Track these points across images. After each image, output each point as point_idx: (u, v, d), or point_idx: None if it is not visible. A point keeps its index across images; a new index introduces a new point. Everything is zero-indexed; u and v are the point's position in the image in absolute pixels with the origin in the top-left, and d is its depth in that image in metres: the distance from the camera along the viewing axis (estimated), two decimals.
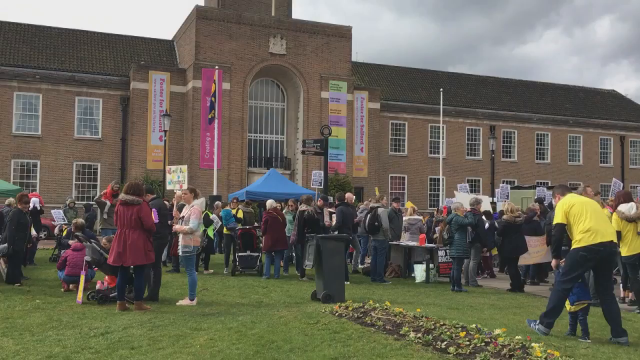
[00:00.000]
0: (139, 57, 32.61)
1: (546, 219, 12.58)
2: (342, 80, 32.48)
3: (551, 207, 12.38)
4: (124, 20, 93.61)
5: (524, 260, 12.28)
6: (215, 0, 34.38)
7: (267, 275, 12.68)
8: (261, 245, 13.49)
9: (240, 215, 15.10)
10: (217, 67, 26.47)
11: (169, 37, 35.78)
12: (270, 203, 13.36)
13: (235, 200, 16.63)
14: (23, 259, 10.91)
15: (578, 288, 6.82)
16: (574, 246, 6.81)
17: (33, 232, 12.95)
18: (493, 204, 20.19)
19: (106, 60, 32.18)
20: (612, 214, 9.07)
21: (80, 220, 12.44)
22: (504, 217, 12.28)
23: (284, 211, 14.19)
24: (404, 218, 15.32)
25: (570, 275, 6.70)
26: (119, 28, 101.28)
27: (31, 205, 13.09)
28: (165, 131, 27.15)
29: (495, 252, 14.22)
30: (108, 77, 30.98)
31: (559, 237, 7.01)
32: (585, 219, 6.74)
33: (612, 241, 6.73)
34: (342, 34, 32.83)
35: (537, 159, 39.77)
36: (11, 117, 29.03)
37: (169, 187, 15.25)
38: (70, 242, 14.07)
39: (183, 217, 9.09)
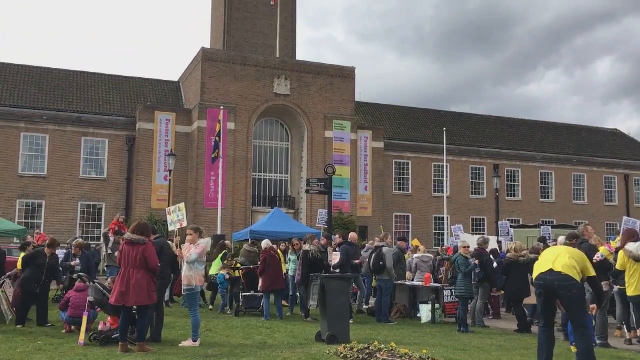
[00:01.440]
0: (145, 98, 33.05)
1: None
2: (345, 120, 32.76)
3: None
4: (131, 63, 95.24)
5: (530, 299, 12.14)
6: (221, 43, 35.01)
7: (267, 317, 12.52)
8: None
9: (236, 274, 14.56)
10: (222, 107, 26.81)
11: (175, 78, 36.30)
12: (266, 243, 13.35)
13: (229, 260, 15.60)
14: (32, 301, 10.77)
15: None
16: None
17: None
18: (499, 242, 20.08)
19: (113, 102, 32.61)
20: (612, 252, 9.03)
21: (81, 240, 12.37)
22: (508, 255, 12.22)
23: (288, 251, 14.12)
24: (415, 256, 15.23)
25: (538, 311, 7.03)
26: (126, 70, 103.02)
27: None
28: (170, 171, 27.30)
29: (502, 292, 14.07)
30: (114, 117, 31.34)
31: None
32: (539, 261, 7.18)
33: (551, 270, 6.77)
34: (345, 75, 33.27)
35: (541, 198, 39.69)
36: (18, 157, 29.28)
37: (170, 228, 15.19)
38: (74, 262, 14.02)
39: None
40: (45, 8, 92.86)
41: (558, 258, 6.88)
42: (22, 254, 12.02)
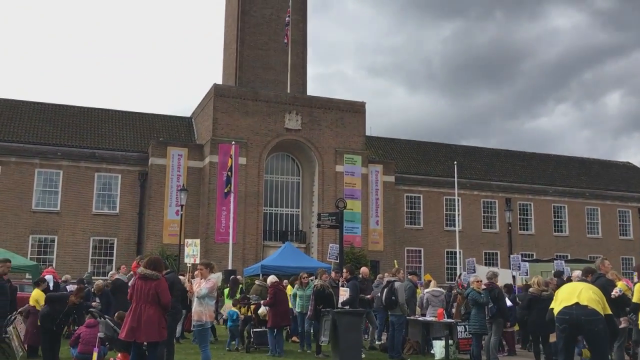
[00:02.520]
0: (158, 134, 33.41)
1: None
2: (356, 154, 32.86)
3: (570, 281, 12.12)
4: (145, 99, 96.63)
5: (553, 337, 11.90)
6: (233, 79, 35.49)
7: (275, 352, 12.34)
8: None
9: (247, 312, 14.41)
10: (233, 142, 27.00)
11: (188, 114, 36.74)
12: (272, 278, 13.31)
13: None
14: (51, 338, 10.69)
15: None
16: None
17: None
18: (513, 277, 19.86)
19: (126, 137, 33.00)
20: (629, 287, 8.89)
21: (101, 282, 12.37)
22: (530, 289, 11.97)
23: (294, 286, 14.03)
24: (425, 291, 15.08)
25: (558, 348, 6.77)
26: (140, 106, 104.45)
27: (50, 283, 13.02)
28: (181, 205, 27.40)
29: (517, 327, 13.84)
30: (127, 153, 31.67)
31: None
32: (561, 294, 7.06)
33: (577, 303, 6.61)
34: (356, 109, 33.50)
35: (555, 232, 39.31)
36: (31, 193, 29.54)
37: (185, 260, 15.27)
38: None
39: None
40: (61, 45, 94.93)
41: (582, 292, 6.77)
42: (37, 290, 12.06)
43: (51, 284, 15.65)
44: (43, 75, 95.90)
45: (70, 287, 17.10)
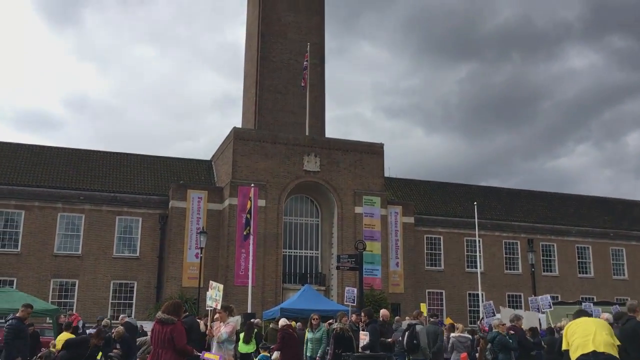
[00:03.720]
0: (178, 177, 33.78)
1: None
2: (375, 196, 32.80)
3: None
4: (166, 143, 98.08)
5: None
6: (252, 122, 35.97)
7: None
8: None
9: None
10: (252, 184, 27.17)
11: (207, 157, 37.17)
12: (283, 321, 13.17)
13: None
14: None
15: None
16: None
17: None
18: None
19: (147, 181, 33.40)
20: None
21: (121, 329, 12.33)
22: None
23: (306, 329, 13.83)
24: (452, 335, 14.76)
25: None
26: (160, 150, 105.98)
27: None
28: (201, 248, 27.45)
29: None
30: (148, 196, 32.01)
31: None
32: (576, 337, 6.61)
33: (594, 351, 6.39)
34: (374, 151, 33.62)
35: (579, 273, 38.53)
36: (54, 237, 29.87)
37: (208, 302, 15.21)
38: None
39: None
40: (83, 92, 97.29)
41: (596, 336, 6.59)
42: (66, 334, 12.06)
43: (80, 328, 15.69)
44: (66, 121, 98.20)
45: (90, 331, 17.08)
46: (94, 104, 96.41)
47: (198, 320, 12.18)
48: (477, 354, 15.06)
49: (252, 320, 16.63)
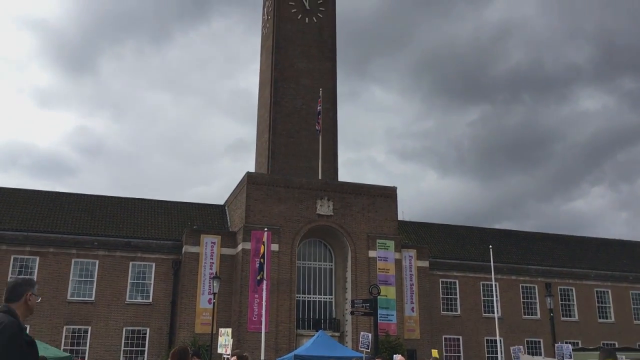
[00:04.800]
0: (192, 222, 33.86)
1: None
2: (389, 239, 32.58)
3: None
4: (180, 189, 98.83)
5: None
6: (265, 167, 36.21)
7: None
8: None
9: None
10: (266, 229, 27.13)
11: (221, 202, 37.31)
12: None
13: None
14: None
15: None
16: None
17: None
18: None
19: (161, 226, 33.51)
20: None
21: None
22: None
23: None
24: None
25: None
26: (175, 195, 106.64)
27: None
28: (214, 294, 27.26)
29: None
30: (162, 242, 32.05)
31: None
32: None
33: None
34: (387, 194, 33.58)
35: (599, 318, 37.65)
36: (67, 283, 29.86)
37: (218, 349, 15.07)
38: None
39: None
40: (97, 139, 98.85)
41: None
42: None
43: None
44: (82, 168, 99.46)
45: None
46: (109, 150, 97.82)
47: None
48: None
49: None
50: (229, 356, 14.29)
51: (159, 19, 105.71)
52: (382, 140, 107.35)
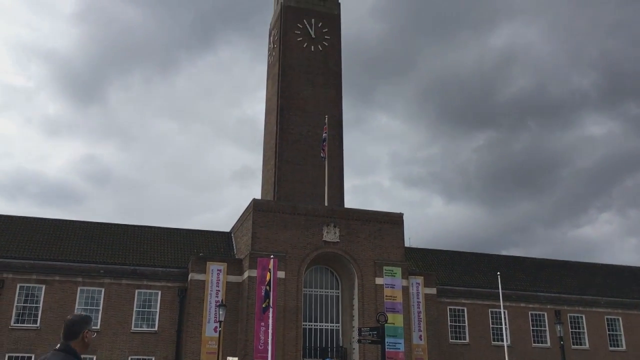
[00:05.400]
0: (198, 249, 33.77)
1: None
2: (396, 266, 32.35)
3: None
4: (186, 216, 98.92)
5: None
6: (272, 193, 36.24)
7: None
8: None
9: None
10: (272, 256, 27.02)
11: (227, 229, 37.26)
12: None
13: None
14: None
15: None
16: None
17: None
18: None
19: (167, 253, 33.43)
20: None
21: None
22: None
23: None
24: None
25: None
26: (180, 222, 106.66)
27: None
28: (220, 322, 27.03)
29: None
30: (168, 269, 31.94)
31: None
32: None
33: None
34: (393, 221, 33.44)
35: (611, 346, 37.04)
36: (73, 312, 29.60)
37: None
38: None
39: None
40: (105, 169, 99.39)
41: None
42: None
43: None
44: (89, 195, 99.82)
45: None
46: (116, 177, 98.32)
47: None
48: None
49: None
50: None
51: (166, 49, 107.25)
52: (388, 166, 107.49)
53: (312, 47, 39.33)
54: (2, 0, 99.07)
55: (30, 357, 27.93)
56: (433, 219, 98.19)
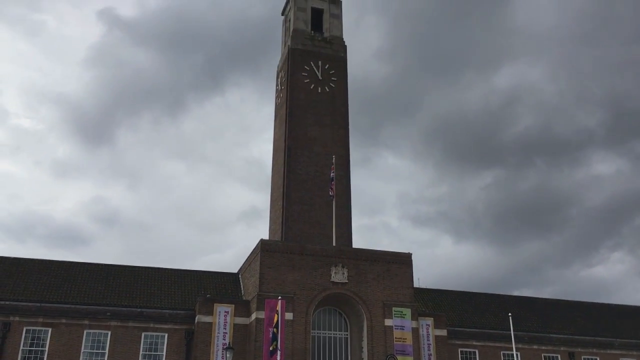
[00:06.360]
0: (205, 291, 33.47)
1: None
2: (405, 307, 31.88)
3: None
4: (193, 257, 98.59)
5: None
6: (279, 234, 36.12)
7: None
8: None
9: None
10: (280, 297, 26.74)
11: (234, 270, 37.01)
12: None
13: None
14: None
15: None
16: None
17: None
18: None
19: (174, 295, 33.15)
20: None
21: None
22: None
23: None
24: None
25: None
26: (188, 264, 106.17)
27: None
28: None
29: None
30: (174, 311, 31.62)
31: None
32: None
33: None
34: (402, 261, 33.13)
35: None
36: (78, 355, 29.31)
37: None
38: None
39: None
40: (112, 212, 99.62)
41: None
42: None
43: None
44: (97, 237, 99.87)
45: None
46: (124, 219, 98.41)
47: None
48: None
49: None
50: None
51: (175, 91, 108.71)
52: (395, 205, 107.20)
53: (319, 88, 39.81)
54: (19, 46, 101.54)
55: None
56: (442, 258, 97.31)
